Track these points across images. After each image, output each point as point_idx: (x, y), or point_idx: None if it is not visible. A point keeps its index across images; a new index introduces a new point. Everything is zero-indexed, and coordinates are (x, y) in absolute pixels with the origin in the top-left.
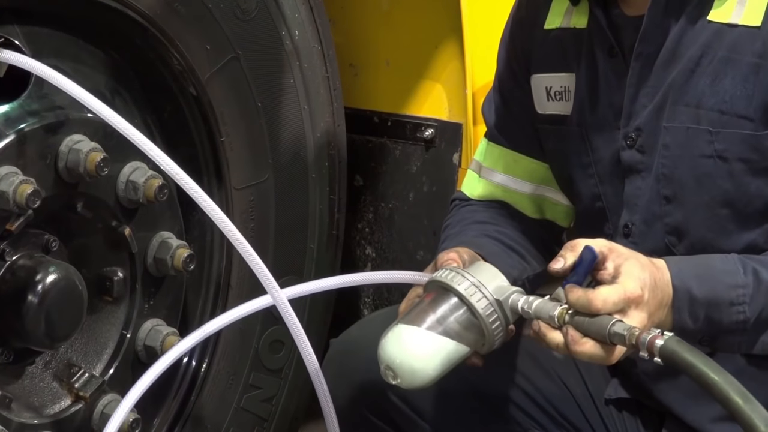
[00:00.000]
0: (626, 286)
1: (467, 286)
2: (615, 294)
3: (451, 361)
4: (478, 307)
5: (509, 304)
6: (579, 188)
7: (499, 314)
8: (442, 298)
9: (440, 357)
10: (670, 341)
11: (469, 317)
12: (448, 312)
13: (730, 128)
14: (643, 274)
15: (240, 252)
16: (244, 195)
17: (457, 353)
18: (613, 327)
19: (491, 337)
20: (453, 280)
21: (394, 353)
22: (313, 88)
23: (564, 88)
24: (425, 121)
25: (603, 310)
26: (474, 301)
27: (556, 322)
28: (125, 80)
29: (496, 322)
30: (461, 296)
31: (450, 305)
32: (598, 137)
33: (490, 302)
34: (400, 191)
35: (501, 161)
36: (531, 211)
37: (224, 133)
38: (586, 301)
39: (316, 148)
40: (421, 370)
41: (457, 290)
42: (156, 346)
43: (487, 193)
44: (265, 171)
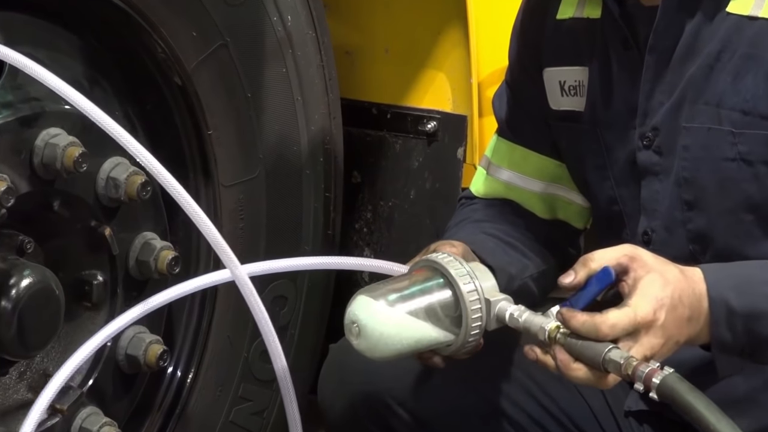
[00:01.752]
0: (638, 310)
1: (462, 273)
2: (625, 319)
3: (419, 344)
4: (467, 297)
5: (496, 310)
6: (595, 190)
7: (483, 314)
8: (430, 277)
9: (410, 333)
10: (670, 378)
11: (453, 305)
12: (433, 292)
13: (753, 129)
14: (662, 292)
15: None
16: (233, 193)
17: (426, 338)
18: (609, 354)
19: (465, 335)
20: (448, 264)
21: (367, 312)
22: (307, 77)
23: (578, 82)
24: (427, 113)
25: (610, 337)
26: (464, 290)
27: (546, 339)
28: (105, 70)
29: (477, 322)
30: (453, 280)
31: (437, 285)
32: (612, 136)
33: (480, 298)
34: (401, 188)
35: (509, 158)
36: (541, 211)
37: (211, 126)
38: (592, 326)
39: (311, 142)
40: (388, 338)
41: (450, 273)
42: (139, 355)
43: (493, 192)
44: (256, 167)
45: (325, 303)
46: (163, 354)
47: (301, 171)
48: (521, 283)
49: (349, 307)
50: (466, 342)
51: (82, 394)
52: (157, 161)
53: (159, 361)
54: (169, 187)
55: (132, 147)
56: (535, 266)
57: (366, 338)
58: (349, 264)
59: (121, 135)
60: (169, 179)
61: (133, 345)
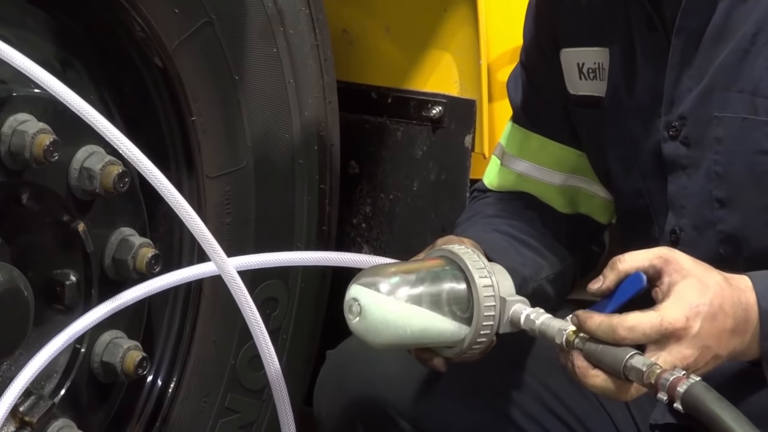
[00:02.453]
0: (665, 314)
1: (479, 266)
2: (646, 322)
3: (423, 335)
4: (481, 291)
5: (511, 311)
6: (619, 183)
7: (497, 313)
8: (445, 267)
9: (416, 320)
10: (696, 387)
11: (465, 298)
12: (446, 282)
13: None
14: (699, 298)
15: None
16: (219, 184)
17: (433, 329)
18: (631, 360)
19: (475, 333)
20: (465, 255)
21: (372, 291)
22: (300, 58)
23: (598, 65)
24: (432, 98)
25: (628, 340)
26: (480, 284)
27: (563, 344)
28: (79, 50)
29: (489, 321)
30: (469, 272)
31: (451, 276)
32: (636, 125)
33: (495, 295)
34: (403, 180)
35: (525, 147)
36: (561, 205)
37: (195, 112)
38: (609, 328)
39: (304, 129)
40: (391, 322)
41: (466, 264)
42: (115, 363)
43: (507, 184)
44: (244, 156)
45: (320, 305)
46: (143, 361)
47: (293, 161)
48: (536, 285)
49: (352, 282)
50: (474, 342)
51: (54, 405)
52: (136, 149)
53: (138, 369)
54: (150, 176)
55: (109, 134)
56: (551, 267)
57: (366, 319)
58: (345, 261)
59: (96, 121)
60: (149, 168)
61: (109, 351)
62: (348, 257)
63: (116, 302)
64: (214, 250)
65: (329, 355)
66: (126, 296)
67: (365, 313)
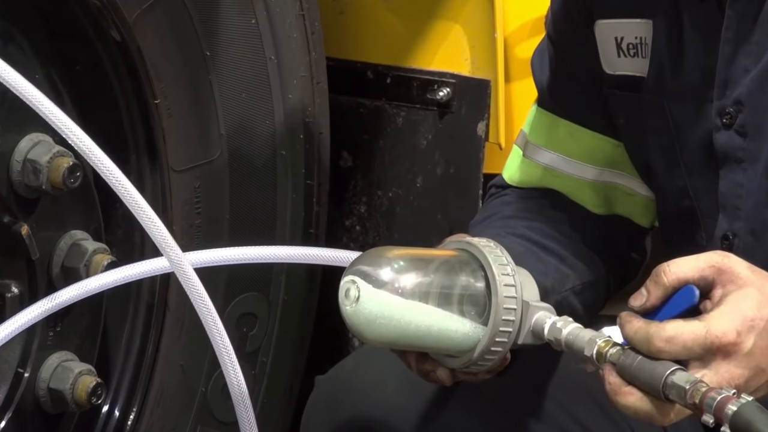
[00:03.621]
0: (712, 325)
1: (503, 263)
2: (689, 333)
3: (428, 333)
4: (501, 291)
5: (534, 319)
6: (661, 179)
7: (517, 318)
8: (462, 259)
9: (422, 316)
10: (748, 408)
11: (482, 297)
12: (461, 277)
13: None
14: (756, 311)
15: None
16: (188, 179)
17: (441, 328)
18: (672, 376)
19: (489, 339)
20: (486, 248)
21: (373, 278)
22: (283, 31)
23: (639, 40)
24: (439, 77)
25: (665, 353)
26: (501, 282)
27: (594, 357)
28: (22, 22)
29: (507, 326)
30: (489, 268)
31: (468, 270)
32: (683, 111)
33: (518, 297)
34: (404, 174)
35: (552, 135)
36: (594, 204)
37: (159, 94)
38: (644, 337)
39: (287, 114)
40: (393, 313)
41: (487, 258)
42: (65, 390)
43: (531, 179)
44: (216, 147)
45: (307, 323)
46: (97, 388)
47: (275, 152)
48: (560, 298)
49: (352, 264)
50: (488, 350)
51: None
52: (89, 138)
53: (91, 397)
54: (104, 170)
55: (56, 120)
56: (579, 277)
57: (364, 307)
58: (331, 258)
59: (42, 105)
60: (103, 161)
61: (57, 377)
62: (336, 254)
63: (52, 302)
64: (165, 241)
65: (318, 381)
66: (63, 296)
67: (363, 301)
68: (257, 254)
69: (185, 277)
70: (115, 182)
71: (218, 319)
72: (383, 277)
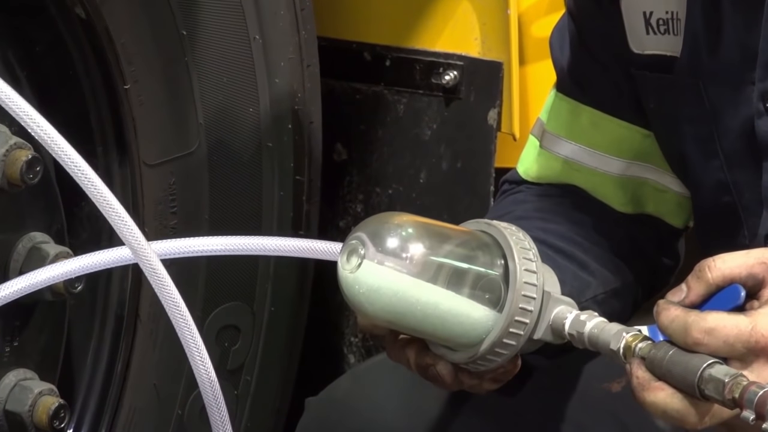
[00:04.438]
0: (759, 323)
1: (525, 247)
2: (732, 327)
3: (434, 313)
4: (521, 276)
5: (554, 314)
6: (696, 172)
7: (536, 310)
8: (480, 239)
9: (430, 292)
10: None
11: (498, 282)
12: (477, 254)
13: None
14: None
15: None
16: (161, 174)
17: (449, 308)
18: (710, 369)
19: (502, 330)
20: (507, 231)
21: (386, 240)
22: (269, 7)
23: (671, 14)
24: (444, 59)
25: (703, 346)
26: (521, 267)
27: (621, 351)
28: None
29: (524, 316)
30: (510, 251)
31: (486, 251)
32: (721, 95)
33: (538, 285)
34: (405, 169)
35: (573, 124)
36: (620, 202)
37: (129, 79)
38: (681, 325)
39: (274, 101)
40: (398, 286)
41: (508, 241)
42: (23, 412)
43: (549, 173)
44: (194, 138)
45: (296, 337)
46: (59, 410)
47: (259, 144)
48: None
49: (362, 224)
50: (500, 342)
51: None
52: (52, 128)
53: (53, 420)
54: (67, 161)
55: (14, 106)
56: (602, 284)
57: (366, 275)
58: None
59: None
60: (67, 151)
61: (14, 397)
62: (333, 247)
63: None
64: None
65: (309, 403)
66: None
67: (366, 269)
68: (237, 245)
69: (150, 270)
70: (80, 174)
71: (195, 331)
72: (393, 245)
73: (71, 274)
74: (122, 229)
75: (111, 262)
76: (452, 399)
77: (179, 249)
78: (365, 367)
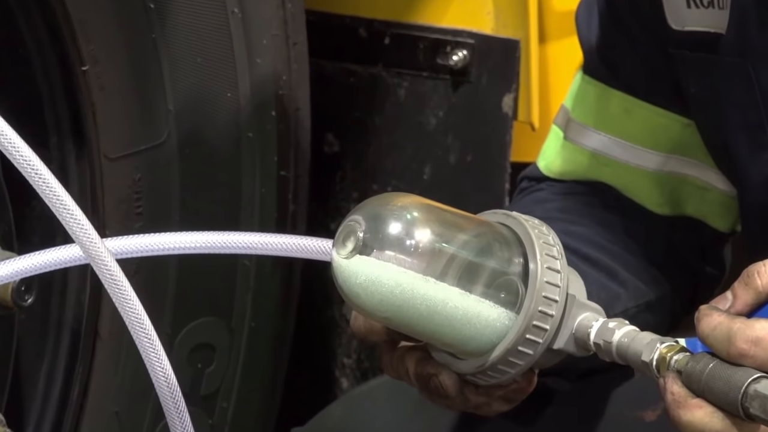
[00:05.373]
0: None
1: (549, 243)
2: None
3: (438, 315)
4: (542, 274)
5: (578, 320)
6: (744, 166)
7: (558, 314)
8: (498, 231)
9: (437, 289)
10: None
11: (514, 285)
12: (493, 248)
13: None
14: None
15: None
16: (125, 169)
17: (453, 308)
18: (756, 385)
19: (518, 336)
20: (528, 223)
21: (391, 224)
22: None
23: None
24: (452, 36)
25: (749, 357)
26: (543, 264)
27: (654, 364)
28: None
29: (544, 321)
30: (531, 247)
31: (504, 245)
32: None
33: (562, 286)
34: (408, 163)
35: (602, 111)
36: (656, 202)
37: (88, 59)
38: (724, 333)
39: (255, 85)
40: (398, 280)
41: (531, 235)
42: None
43: (574, 169)
44: (163, 127)
45: (280, 357)
46: None
47: (239, 134)
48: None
49: (366, 202)
50: (514, 350)
51: None
52: None
53: None
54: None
55: None
56: (633, 296)
57: (364, 263)
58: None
59: None
60: (16, 143)
61: None
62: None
63: None
64: (79, 224)
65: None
66: None
67: (365, 256)
68: (211, 243)
69: (104, 271)
70: (28, 167)
71: (161, 349)
72: (398, 231)
73: (6, 279)
74: (68, 220)
75: (55, 263)
76: (458, 428)
77: (140, 246)
78: (360, 392)
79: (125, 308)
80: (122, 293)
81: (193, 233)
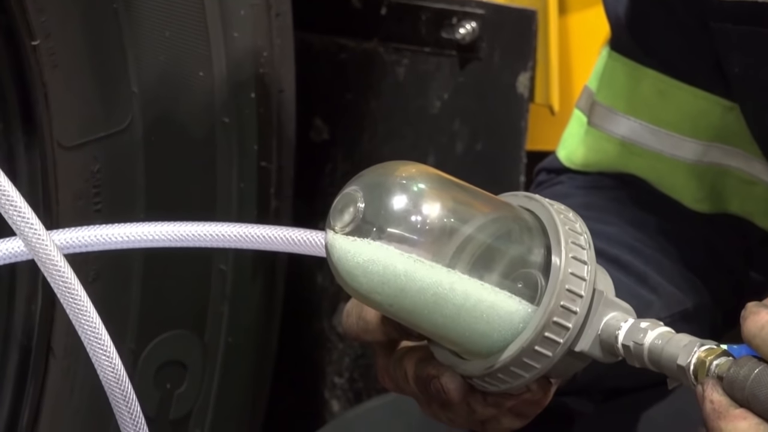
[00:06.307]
0: None
1: (576, 231)
2: None
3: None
4: (566, 265)
5: (605, 320)
6: None
7: (581, 311)
8: (518, 216)
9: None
10: None
11: (533, 276)
12: (512, 233)
13: None
14: None
15: None
16: (82, 159)
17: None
18: None
19: (536, 332)
20: (553, 208)
21: (396, 199)
22: None
23: None
24: (459, 6)
25: None
26: (567, 254)
27: (691, 372)
28: None
29: (566, 317)
30: (555, 234)
31: (524, 229)
32: None
33: (587, 279)
34: (408, 151)
35: (632, 93)
36: (695, 198)
37: (39, 32)
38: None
39: (231, 63)
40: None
41: (554, 221)
42: None
43: (600, 159)
44: (126, 111)
45: (261, 375)
46: None
47: (212, 119)
48: None
49: (369, 170)
50: (530, 350)
51: None
52: None
53: None
54: None
55: None
56: (666, 304)
57: (363, 242)
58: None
59: None
60: None
61: None
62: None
63: None
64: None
65: None
66: None
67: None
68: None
69: (51, 269)
70: None
71: (120, 367)
72: (404, 209)
73: None
74: (8, 209)
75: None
76: None
77: (94, 239)
78: (353, 415)
79: (78, 317)
80: (73, 297)
81: (159, 223)
